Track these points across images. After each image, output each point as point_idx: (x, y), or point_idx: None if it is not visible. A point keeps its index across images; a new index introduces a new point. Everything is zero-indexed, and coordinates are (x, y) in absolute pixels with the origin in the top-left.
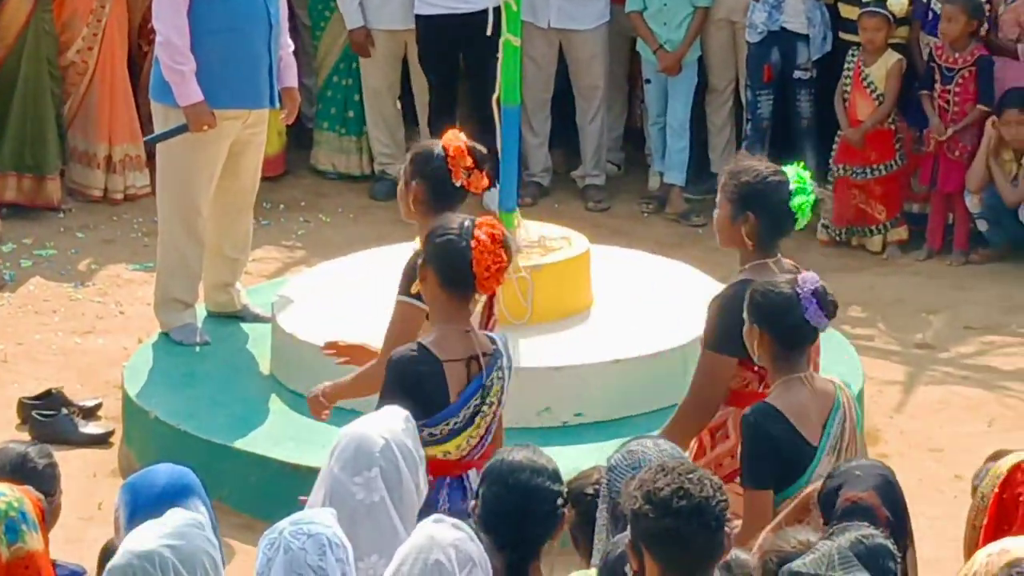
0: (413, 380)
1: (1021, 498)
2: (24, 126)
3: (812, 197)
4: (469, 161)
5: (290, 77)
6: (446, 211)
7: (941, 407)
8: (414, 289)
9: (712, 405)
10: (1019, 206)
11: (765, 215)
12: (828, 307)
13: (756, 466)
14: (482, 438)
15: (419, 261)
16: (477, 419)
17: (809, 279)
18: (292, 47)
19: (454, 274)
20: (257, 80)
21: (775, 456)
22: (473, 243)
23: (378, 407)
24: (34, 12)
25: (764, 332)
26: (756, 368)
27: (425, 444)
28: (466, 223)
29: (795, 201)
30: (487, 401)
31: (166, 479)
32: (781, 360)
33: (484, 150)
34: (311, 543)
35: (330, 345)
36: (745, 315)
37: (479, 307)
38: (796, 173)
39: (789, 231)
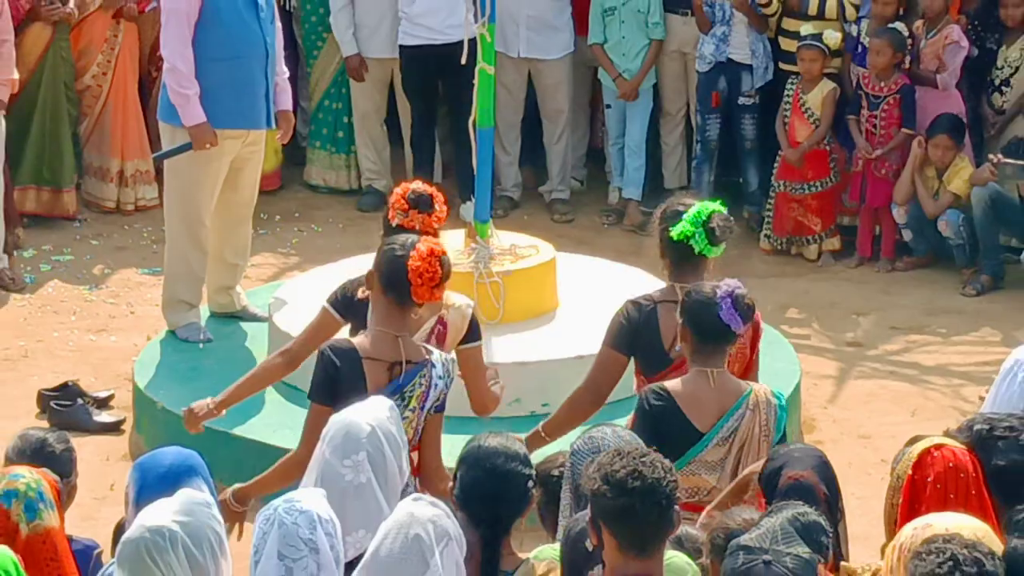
0: (332, 369)
1: (928, 479)
2: (43, 143)
3: (695, 226)
4: (403, 204)
5: (285, 101)
6: None
7: (869, 399)
8: (361, 292)
9: (602, 394)
10: (938, 217)
11: (671, 252)
12: (742, 309)
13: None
14: (410, 440)
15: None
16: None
17: (728, 284)
18: (288, 73)
19: (392, 279)
20: (255, 103)
21: (652, 428)
22: (413, 253)
23: (309, 396)
24: (53, 40)
25: (686, 327)
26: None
27: None
28: (410, 240)
29: (674, 230)
30: (409, 407)
31: (172, 460)
32: (697, 354)
33: (428, 194)
34: (303, 519)
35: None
36: (678, 314)
37: (427, 327)
38: (697, 206)
39: (689, 257)
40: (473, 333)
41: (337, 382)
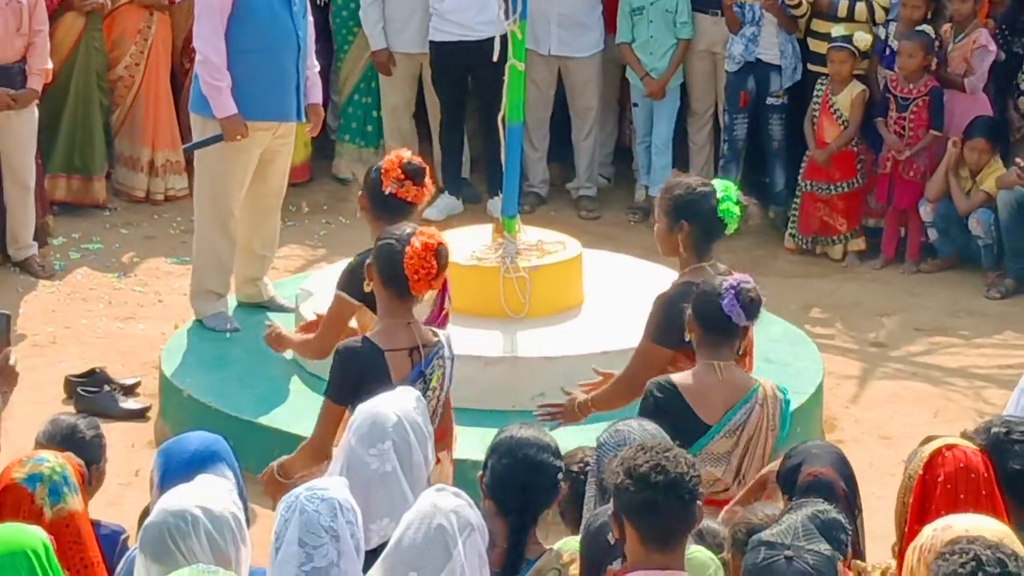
0: (356, 369)
1: (939, 479)
2: (74, 132)
3: (737, 205)
4: (399, 173)
5: (315, 94)
6: (384, 217)
7: (892, 399)
8: (366, 286)
9: (640, 385)
10: (968, 215)
11: (697, 223)
12: (746, 303)
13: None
14: (432, 419)
15: (366, 261)
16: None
17: (735, 279)
18: (319, 67)
19: (390, 274)
20: (286, 96)
21: (656, 420)
22: (408, 249)
23: (326, 392)
24: (86, 30)
25: (694, 321)
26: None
27: None
28: (407, 232)
29: (722, 207)
30: (430, 387)
31: (197, 445)
32: (704, 347)
33: (422, 166)
34: (324, 506)
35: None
36: (688, 305)
37: (429, 299)
38: (723, 185)
39: (719, 236)
40: None
41: (360, 381)
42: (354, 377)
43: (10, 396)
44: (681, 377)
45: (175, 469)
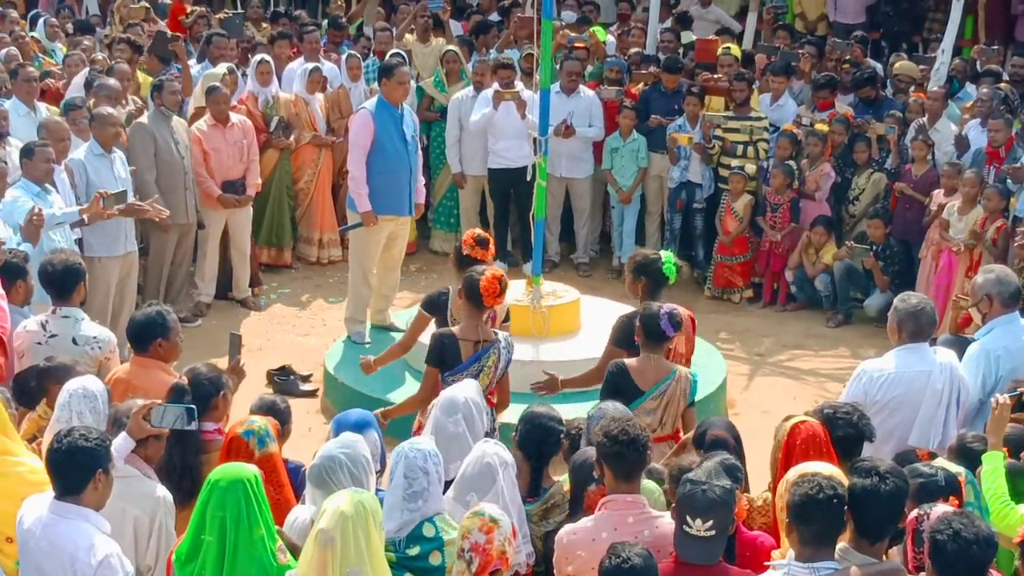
0: (440, 348)
1: (798, 443)
2: (272, 221)
3: (674, 266)
4: (472, 242)
5: (420, 197)
6: (464, 270)
7: (768, 388)
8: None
9: (602, 374)
10: (815, 278)
11: (650, 277)
12: (674, 322)
13: (604, 389)
14: (487, 387)
15: (457, 288)
16: (480, 376)
17: (668, 307)
18: (423, 181)
19: (472, 293)
20: (403, 199)
21: (613, 385)
22: (482, 279)
23: (427, 359)
24: (280, 160)
25: (640, 331)
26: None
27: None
28: (481, 269)
29: (665, 267)
30: (484, 367)
31: (356, 417)
32: (646, 348)
33: (486, 237)
34: (419, 454)
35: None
36: (636, 323)
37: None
38: (666, 255)
39: (664, 286)
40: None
41: (444, 353)
42: (439, 350)
43: (238, 386)
44: (630, 362)
45: (342, 429)
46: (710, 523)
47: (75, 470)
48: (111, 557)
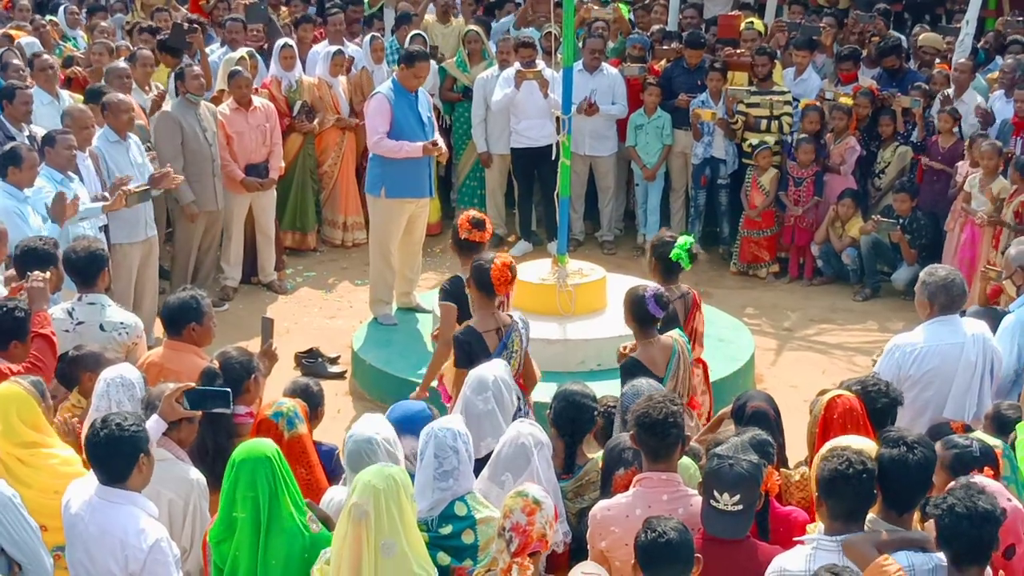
0: (467, 349)
1: (835, 416)
2: (296, 205)
3: (683, 251)
4: (468, 226)
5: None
6: (464, 254)
7: (796, 363)
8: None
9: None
10: (841, 251)
11: (661, 261)
12: (661, 303)
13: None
14: (517, 371)
15: (466, 278)
16: (510, 362)
17: (652, 287)
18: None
19: (482, 282)
20: (422, 181)
21: (630, 378)
22: (492, 266)
23: (455, 363)
24: (303, 144)
25: (631, 318)
26: None
27: None
28: (491, 256)
29: (674, 254)
30: (512, 351)
31: (414, 413)
32: (639, 331)
33: (482, 218)
34: (448, 433)
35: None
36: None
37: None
38: (682, 241)
39: (678, 270)
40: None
41: (472, 352)
42: (467, 352)
43: (270, 369)
44: (638, 354)
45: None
46: (737, 497)
47: (118, 460)
48: (161, 542)
